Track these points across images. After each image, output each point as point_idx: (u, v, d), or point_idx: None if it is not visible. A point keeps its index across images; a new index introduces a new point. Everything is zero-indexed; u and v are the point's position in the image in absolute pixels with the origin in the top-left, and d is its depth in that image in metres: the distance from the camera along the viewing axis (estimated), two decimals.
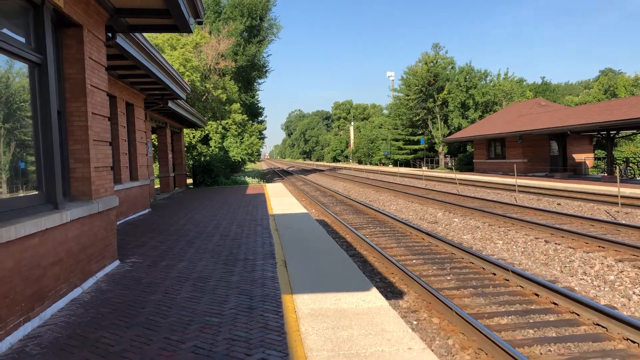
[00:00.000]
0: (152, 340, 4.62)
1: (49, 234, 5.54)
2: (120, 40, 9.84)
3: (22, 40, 5.67)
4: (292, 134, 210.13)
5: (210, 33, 40.69)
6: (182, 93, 18.23)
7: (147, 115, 19.58)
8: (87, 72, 7.03)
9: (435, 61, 62.76)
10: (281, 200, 19.20)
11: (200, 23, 9.42)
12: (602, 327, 6.45)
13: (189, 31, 9.13)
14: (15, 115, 5.73)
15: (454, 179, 33.33)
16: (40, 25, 5.93)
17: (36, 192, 5.87)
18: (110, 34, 8.69)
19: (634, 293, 8.00)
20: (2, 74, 5.45)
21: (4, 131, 5.43)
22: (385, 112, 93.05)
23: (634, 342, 5.94)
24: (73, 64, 6.91)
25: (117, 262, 8.06)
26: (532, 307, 7.45)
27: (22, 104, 5.84)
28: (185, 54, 32.13)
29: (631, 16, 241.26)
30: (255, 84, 55.06)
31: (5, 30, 5.32)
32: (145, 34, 12.01)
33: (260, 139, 50.08)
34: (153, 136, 27.44)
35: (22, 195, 5.66)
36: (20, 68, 5.73)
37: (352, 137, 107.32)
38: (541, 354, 5.77)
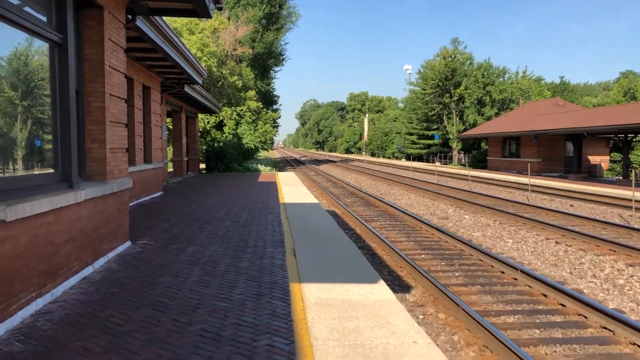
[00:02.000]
0: (160, 322, 4.68)
1: (63, 212, 5.61)
2: (140, 22, 9.89)
3: (44, 19, 5.72)
4: (305, 123, 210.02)
5: (229, 19, 40.69)
6: (199, 78, 18.28)
7: (163, 98, 19.68)
8: (107, 53, 7.08)
9: (453, 56, 62.35)
10: (292, 189, 19.24)
11: (220, 9, 9.43)
12: (610, 330, 6.42)
13: (209, 16, 9.15)
14: (33, 93, 5.80)
15: (467, 175, 33.17)
16: (62, 4, 5.97)
17: (52, 171, 5.95)
18: (130, 16, 8.74)
19: None
20: (22, 51, 5.51)
21: (21, 108, 5.49)
22: (401, 105, 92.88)
23: None
24: (93, 44, 6.95)
25: (128, 243, 8.15)
26: (540, 307, 7.43)
27: (40, 82, 5.89)
28: (203, 39, 32.19)
29: None
30: (271, 71, 55.06)
31: (27, 9, 5.37)
32: (164, 18, 12.04)
33: (274, 127, 50.12)
34: (168, 120, 27.57)
35: (37, 173, 5.73)
36: (40, 46, 5.78)
37: (366, 129, 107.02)
38: (546, 354, 5.76)
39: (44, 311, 4.93)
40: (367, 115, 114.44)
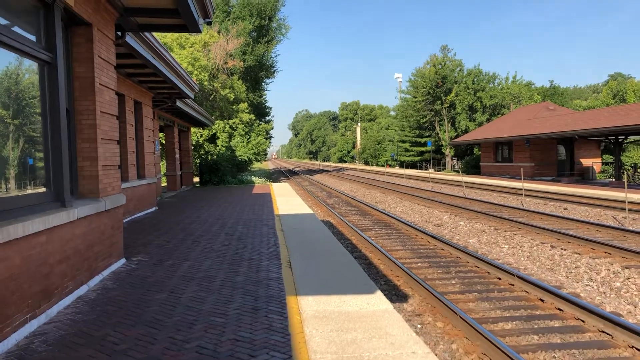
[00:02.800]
0: (156, 340, 4.64)
1: (56, 231, 5.57)
2: (130, 39, 9.89)
3: (33, 38, 5.71)
4: (298, 134, 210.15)
5: (219, 32, 40.80)
6: (190, 92, 18.28)
7: (155, 113, 19.67)
8: (96, 71, 7.07)
9: (443, 63, 62.74)
10: (287, 200, 19.22)
11: (209, 23, 9.45)
12: (608, 334, 6.42)
13: (198, 31, 9.16)
14: (24, 111, 5.78)
15: (461, 181, 33.25)
16: (51, 24, 5.97)
17: (44, 190, 5.91)
18: (119, 33, 8.73)
19: None
20: (12, 70, 5.49)
21: (13, 127, 5.47)
22: (393, 113, 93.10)
23: (639, 350, 5.91)
24: (82, 62, 6.95)
25: (123, 260, 8.10)
26: (537, 312, 7.43)
27: (31, 100, 5.87)
28: (194, 53, 32.24)
29: None
30: (263, 83, 55.12)
31: (16, 29, 5.37)
32: (154, 33, 12.05)
33: (267, 138, 50.16)
34: (161, 134, 27.55)
35: (30, 192, 5.70)
36: (30, 65, 5.77)
37: (358, 138, 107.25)
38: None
39: (38, 332, 4.88)
40: (359, 124, 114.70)
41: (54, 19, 5.96)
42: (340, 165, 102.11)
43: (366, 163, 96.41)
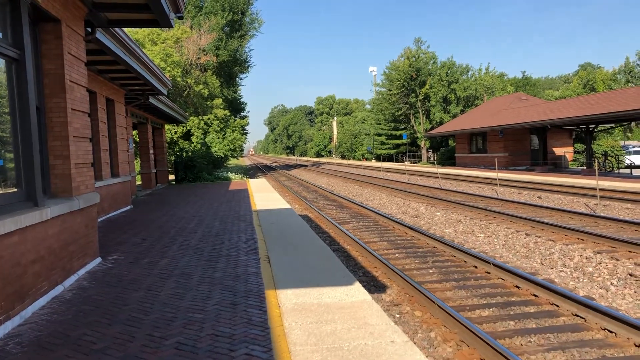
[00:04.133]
0: (134, 337, 4.60)
1: (29, 231, 5.47)
2: (100, 35, 9.73)
3: None
4: (275, 129, 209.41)
5: (191, 28, 40.36)
6: (163, 88, 18.08)
7: (128, 111, 19.40)
8: (66, 68, 6.95)
9: (417, 56, 63.03)
10: (264, 195, 19.17)
11: (181, 17, 9.34)
12: (581, 317, 6.57)
13: (170, 26, 9.05)
14: None
15: (436, 173, 33.56)
16: (18, 20, 5.84)
17: (15, 190, 5.80)
18: (89, 29, 8.59)
19: (611, 284, 8.15)
20: None
21: None
22: (368, 107, 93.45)
23: (611, 332, 6.06)
24: (52, 59, 6.82)
25: (98, 260, 8.00)
26: (513, 299, 7.56)
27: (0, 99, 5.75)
28: (166, 49, 31.84)
29: (610, 11, 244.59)
30: (237, 79, 54.71)
31: None
32: (125, 29, 11.87)
33: (242, 134, 49.79)
34: (134, 132, 27.17)
35: (0, 192, 5.58)
36: None
37: (335, 132, 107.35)
38: (521, 344, 5.86)
39: (13, 334, 4.80)
40: (335, 118, 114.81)
41: (20, 14, 5.83)
42: (317, 159, 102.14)
43: (343, 157, 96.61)
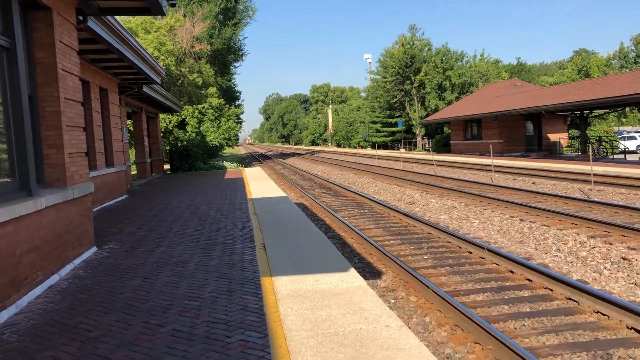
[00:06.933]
0: (131, 325, 4.62)
1: (23, 221, 5.47)
2: (92, 23, 9.65)
3: None
4: (270, 117, 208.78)
5: (184, 16, 40.09)
6: (157, 77, 17.98)
7: (122, 100, 19.30)
8: (58, 57, 6.90)
9: (412, 43, 62.84)
10: (260, 184, 19.17)
11: (173, 5, 9.29)
12: (574, 301, 6.63)
13: (163, 14, 9.00)
14: None
15: (432, 160, 33.60)
16: (8, 7, 5.79)
17: (9, 180, 5.78)
18: (81, 17, 8.52)
19: (605, 268, 8.21)
20: None
21: None
22: (363, 94, 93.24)
23: (604, 314, 6.12)
24: (43, 48, 6.77)
25: (94, 249, 8.00)
26: (507, 283, 7.62)
27: None
28: (160, 38, 31.66)
29: None
30: (231, 67, 54.54)
31: None
32: (118, 18, 11.78)
33: (237, 123, 49.80)
34: (128, 122, 27.02)
35: None
36: None
37: (330, 120, 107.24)
38: (515, 328, 5.92)
39: (9, 323, 4.81)
40: (330, 106, 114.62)
41: (10, 2, 5.78)
42: (312, 148, 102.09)
43: (338, 145, 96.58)
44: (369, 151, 62.09)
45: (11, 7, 5.81)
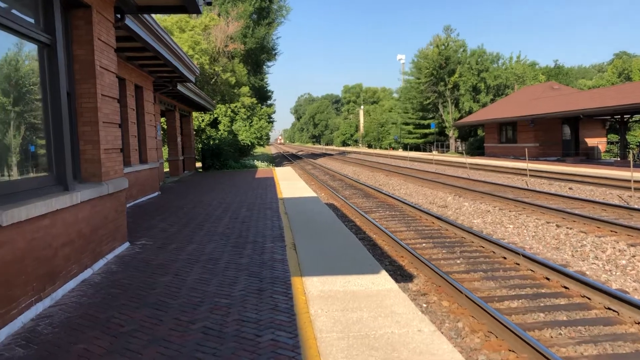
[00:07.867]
0: (162, 321, 4.64)
1: (60, 215, 5.55)
2: (129, 21, 9.79)
3: (32, 20, 5.64)
4: (301, 117, 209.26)
5: (219, 15, 40.48)
6: (191, 76, 18.18)
7: (156, 98, 19.58)
8: (97, 54, 7.00)
9: (446, 44, 62.13)
10: (290, 184, 19.19)
11: (209, 4, 9.36)
12: (614, 311, 6.40)
13: (198, 12, 9.06)
14: (25, 98, 5.72)
15: (465, 163, 33.12)
16: (50, 5, 5.89)
17: (46, 174, 5.89)
18: (119, 15, 8.63)
19: None
20: (12, 56, 5.43)
21: (13, 114, 5.42)
22: (396, 95, 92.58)
23: None
24: (82, 45, 6.88)
25: (127, 244, 8.10)
26: (543, 290, 7.41)
27: (32, 87, 5.82)
28: (195, 37, 32.03)
29: None
30: (264, 67, 54.87)
31: (14, 11, 5.29)
32: (154, 16, 11.93)
33: (269, 122, 50.03)
34: (162, 119, 27.44)
35: (32, 176, 5.67)
36: (30, 51, 5.71)
37: (361, 121, 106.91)
38: (552, 337, 5.74)
39: (44, 315, 4.89)
40: (362, 107, 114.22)
41: (52, 0, 5.88)
42: (343, 148, 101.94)
43: (369, 146, 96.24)
44: (401, 153, 61.67)
45: (53, 5, 5.91)
